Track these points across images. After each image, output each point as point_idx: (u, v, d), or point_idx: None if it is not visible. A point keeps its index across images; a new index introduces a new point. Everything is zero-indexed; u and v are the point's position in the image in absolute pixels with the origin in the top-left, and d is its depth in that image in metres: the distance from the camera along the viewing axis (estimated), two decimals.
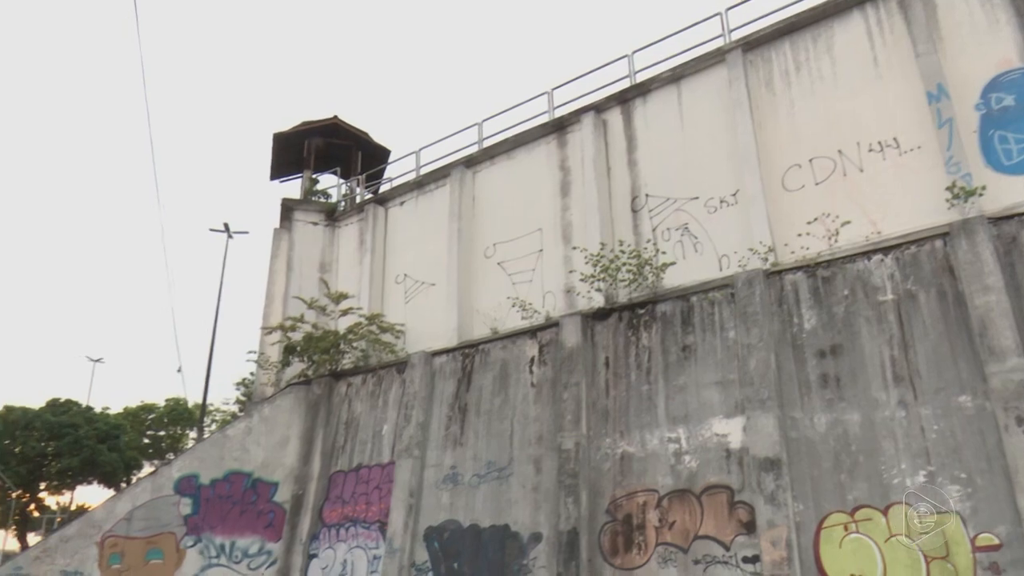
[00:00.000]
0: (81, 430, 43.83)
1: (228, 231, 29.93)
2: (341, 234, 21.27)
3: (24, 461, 43.53)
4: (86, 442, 43.49)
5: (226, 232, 29.94)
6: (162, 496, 14.96)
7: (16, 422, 43.67)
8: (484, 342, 14.83)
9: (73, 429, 43.76)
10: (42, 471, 45.05)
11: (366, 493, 15.21)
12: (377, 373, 16.61)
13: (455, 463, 13.92)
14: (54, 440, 43.97)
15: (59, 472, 44.30)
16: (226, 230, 29.97)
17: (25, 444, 43.59)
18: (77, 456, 43.15)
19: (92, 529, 14.21)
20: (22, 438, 43.74)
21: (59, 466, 43.69)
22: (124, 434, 47.54)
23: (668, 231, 14.42)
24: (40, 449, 43.95)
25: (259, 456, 16.38)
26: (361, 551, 14.58)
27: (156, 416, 53.37)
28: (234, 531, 15.55)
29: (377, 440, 15.70)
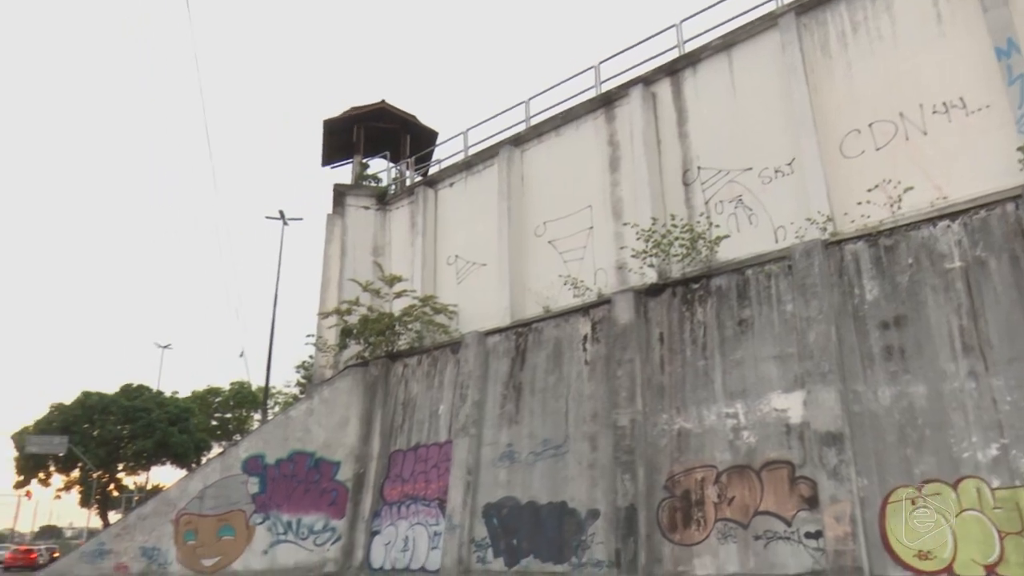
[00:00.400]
0: (153, 414, 45.84)
1: (283, 218, 30.54)
2: (392, 217, 21.48)
3: (102, 444, 45.81)
4: (158, 425, 45.49)
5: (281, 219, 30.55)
6: (231, 476, 15.50)
7: (94, 407, 45.94)
8: (537, 321, 14.83)
9: (146, 413, 45.81)
10: (119, 453, 47.30)
11: (425, 471, 15.46)
12: (432, 354, 16.79)
13: (511, 441, 14.02)
14: (129, 423, 46.10)
15: (135, 453, 46.50)
16: (281, 217, 30.58)
17: (103, 428, 45.85)
18: (150, 438, 45.20)
19: (167, 507, 14.83)
20: (100, 422, 46.00)
21: (134, 448, 45.83)
22: (193, 417, 49.45)
23: (721, 203, 14.11)
24: (116, 432, 46.16)
25: (321, 436, 16.80)
26: (422, 527, 14.86)
27: (222, 399, 55.27)
28: (299, 509, 16.03)
29: (434, 419, 15.91)
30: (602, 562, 11.76)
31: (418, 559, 14.58)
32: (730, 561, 10.43)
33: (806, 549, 9.89)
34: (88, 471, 47.31)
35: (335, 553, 16.05)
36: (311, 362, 26.86)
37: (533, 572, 12.52)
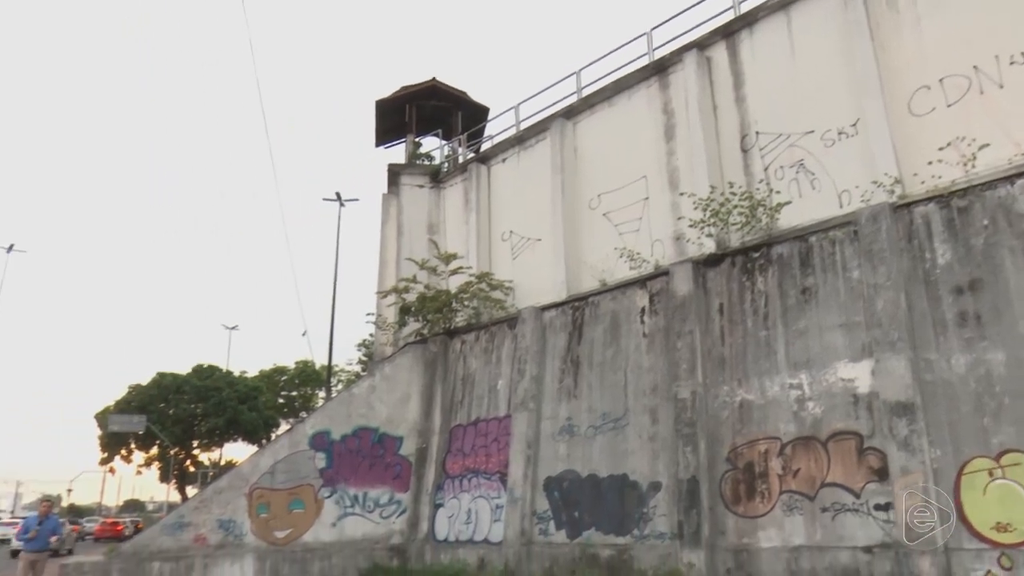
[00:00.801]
0: (224, 392, 47.71)
1: (340, 200, 31.06)
2: (446, 195, 21.59)
3: (177, 422, 47.99)
4: (229, 403, 47.37)
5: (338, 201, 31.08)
6: (299, 451, 16.00)
7: (168, 387, 48.09)
8: (593, 294, 14.76)
9: (217, 392, 47.70)
10: (193, 430, 49.49)
11: (485, 445, 15.67)
12: (489, 329, 16.92)
13: (570, 415, 14.06)
14: (201, 402, 48.11)
15: (208, 431, 48.62)
16: (338, 199, 31.11)
17: (177, 407, 48.01)
18: (222, 416, 47.12)
19: (241, 482, 15.43)
20: (175, 401, 48.14)
21: (207, 426, 47.92)
22: (261, 395, 51.23)
23: (781, 169, 13.69)
24: (190, 411, 48.27)
25: (383, 412, 17.18)
26: (484, 500, 15.10)
27: (288, 378, 57.02)
28: (365, 483, 16.47)
29: (493, 394, 16.07)
30: (664, 534, 11.74)
31: (481, 531, 14.84)
32: (796, 533, 10.28)
33: (876, 521, 9.66)
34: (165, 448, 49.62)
35: (401, 525, 16.47)
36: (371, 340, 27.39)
37: (595, 544, 12.61)
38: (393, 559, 15.88)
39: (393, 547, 16.09)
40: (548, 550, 13.26)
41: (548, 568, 13.00)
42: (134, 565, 13.89)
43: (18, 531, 12.85)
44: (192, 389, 48.17)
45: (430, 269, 18.81)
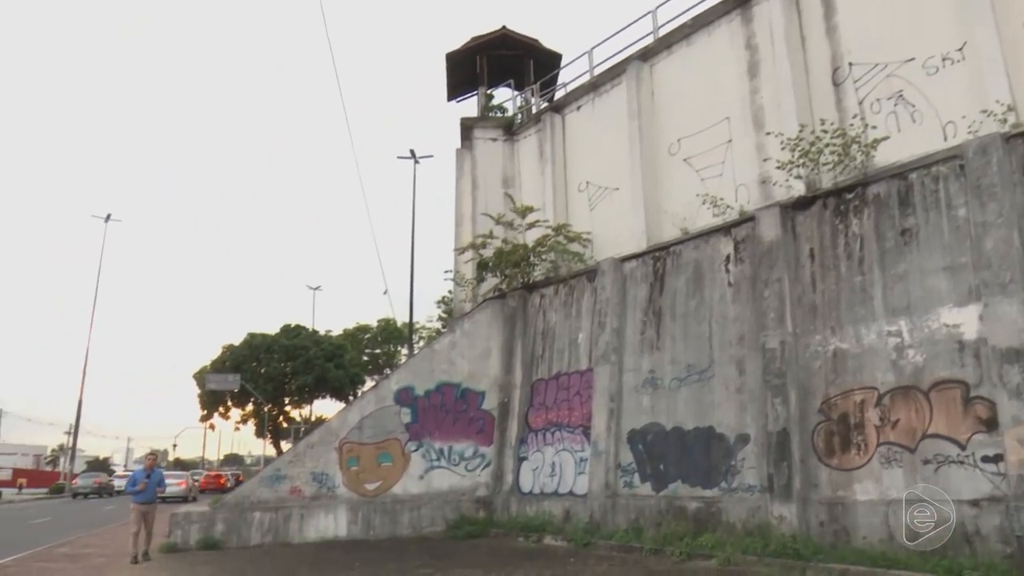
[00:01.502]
0: (311, 351, 49.78)
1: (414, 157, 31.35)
2: (521, 147, 21.46)
3: (269, 380, 50.48)
4: (316, 361, 49.42)
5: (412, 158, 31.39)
6: (385, 407, 16.60)
7: (259, 347, 50.56)
8: (675, 243, 14.48)
9: (304, 351, 49.81)
10: (284, 388, 51.96)
11: (567, 399, 15.81)
12: (568, 283, 16.89)
13: (653, 367, 13.98)
14: (290, 361, 50.39)
15: (298, 388, 51.00)
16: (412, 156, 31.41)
17: (268, 365, 50.46)
18: (310, 374, 49.27)
19: (331, 437, 16.17)
20: (265, 360, 50.59)
21: (297, 383, 50.23)
22: (346, 353, 53.15)
23: (878, 102, 12.91)
24: (280, 369, 50.66)
25: (465, 368, 17.54)
26: (568, 453, 15.30)
27: (371, 336, 58.87)
28: (450, 437, 16.96)
29: (573, 348, 16.13)
30: (754, 487, 11.63)
31: (566, 484, 15.08)
32: (894, 486, 9.98)
33: (983, 474, 9.25)
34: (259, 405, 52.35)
35: (486, 478, 16.93)
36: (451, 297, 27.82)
37: (682, 497, 12.62)
38: (479, 510, 16.38)
39: (479, 499, 16.58)
40: (633, 502, 13.37)
41: (634, 520, 13.12)
42: (237, 515, 14.84)
43: (127, 482, 13.75)
44: (281, 348, 50.46)
45: (506, 223, 18.84)
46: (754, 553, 10.32)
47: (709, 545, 10.99)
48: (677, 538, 11.66)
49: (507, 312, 18.11)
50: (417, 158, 31.29)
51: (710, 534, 11.43)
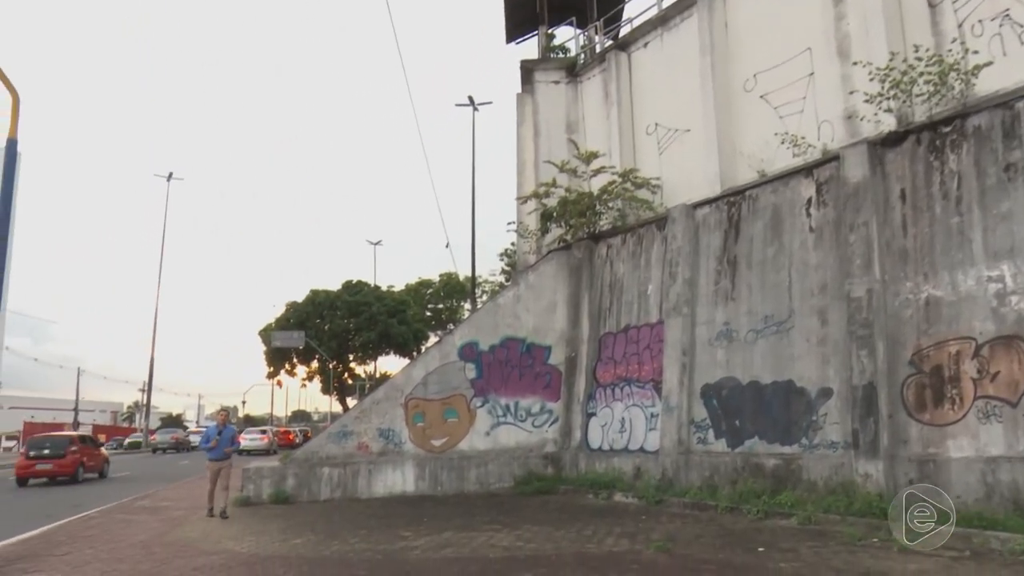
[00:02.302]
0: (373, 307, 50.95)
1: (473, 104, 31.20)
2: (584, 89, 21.05)
3: (333, 336, 52.02)
4: (379, 318, 50.60)
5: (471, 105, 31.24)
6: (449, 362, 16.90)
7: (322, 303, 52.05)
8: (751, 187, 14.08)
9: (367, 307, 51.04)
10: (348, 344, 53.49)
11: (637, 353, 15.77)
12: (636, 232, 16.69)
13: (728, 319, 13.78)
14: (353, 317, 51.75)
15: (361, 345, 52.41)
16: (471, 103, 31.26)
17: (332, 322, 51.95)
18: (374, 330, 50.51)
19: (396, 393, 16.61)
20: (329, 317, 52.10)
21: (361, 339, 51.62)
22: (409, 308, 54.17)
23: (980, 24, 12.07)
24: (344, 326, 52.12)
25: (530, 322, 17.65)
26: (638, 409, 15.33)
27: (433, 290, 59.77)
28: (516, 392, 17.20)
29: (643, 300, 16.01)
30: (836, 443, 11.43)
31: (636, 440, 15.15)
32: (994, 443, 9.64)
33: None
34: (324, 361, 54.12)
35: (554, 434, 17.15)
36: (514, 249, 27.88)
37: (759, 454, 12.52)
38: (547, 467, 16.65)
39: (547, 455, 16.84)
40: (708, 459, 13.35)
41: (708, 477, 13.12)
42: (306, 470, 15.50)
43: (200, 438, 14.38)
44: (344, 305, 51.81)
45: (570, 171, 18.64)
46: (836, 512, 10.20)
47: (788, 503, 10.91)
48: (754, 496, 11.62)
49: (573, 264, 18.05)
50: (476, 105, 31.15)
51: (789, 492, 11.34)
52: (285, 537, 10.68)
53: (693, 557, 8.37)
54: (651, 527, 10.66)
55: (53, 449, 23.94)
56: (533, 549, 9.22)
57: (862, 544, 8.81)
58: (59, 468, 23.57)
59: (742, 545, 9.01)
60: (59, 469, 23.57)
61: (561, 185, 18.47)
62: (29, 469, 23.50)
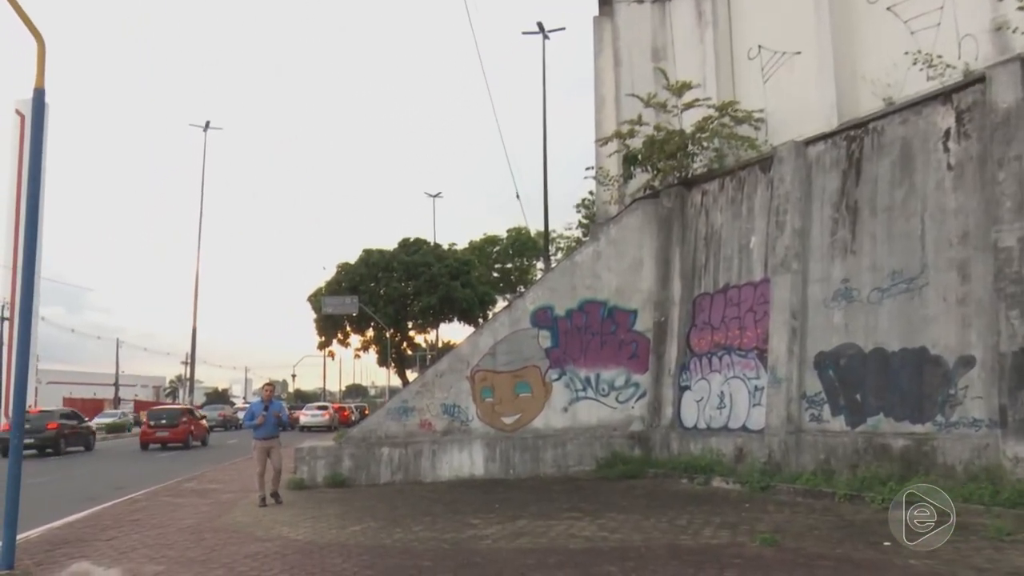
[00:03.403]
0: (433, 268, 51.64)
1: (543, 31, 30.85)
2: (673, 9, 20.50)
3: (390, 302, 53.07)
4: (440, 280, 51.29)
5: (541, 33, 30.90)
6: (520, 330, 17.03)
7: (376, 265, 53.02)
8: (875, 118, 13.59)
9: (426, 268, 51.77)
10: (407, 310, 54.45)
11: (738, 317, 15.58)
12: (736, 175, 16.37)
13: (846, 276, 13.45)
14: (412, 280, 52.59)
15: (421, 310, 53.30)
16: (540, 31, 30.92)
17: (388, 285, 52.96)
18: (434, 294, 51.27)
19: (461, 364, 16.86)
20: (384, 280, 53.09)
21: (420, 305, 52.49)
22: (474, 269, 54.69)
23: None
24: (401, 289, 53.05)
25: (612, 282, 17.58)
26: (739, 382, 15.17)
27: (500, 248, 60.11)
28: (597, 363, 17.23)
29: (744, 255, 15.75)
30: (980, 421, 11.09)
31: (737, 417, 15.04)
32: None
33: None
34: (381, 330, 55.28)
35: (641, 410, 17.16)
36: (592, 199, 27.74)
37: (884, 433, 12.27)
38: (634, 447, 16.72)
39: (633, 434, 16.90)
40: (822, 439, 13.17)
41: (823, 460, 12.95)
42: (364, 450, 15.98)
43: (245, 415, 14.85)
44: (400, 266, 52.64)
45: (658, 105, 18.31)
46: (979, 501, 9.94)
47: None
48: (878, 482, 11.44)
49: (662, 214, 17.84)
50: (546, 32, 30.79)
51: (921, 477, 11.08)
52: (343, 523, 11.08)
53: (805, 552, 8.30)
54: (756, 517, 10.62)
55: (169, 420, 33.55)
56: (619, 540, 9.31)
57: (1010, 539, 8.56)
58: (174, 435, 32.72)
59: (863, 538, 8.89)
60: (173, 436, 32.70)
61: (647, 123, 18.19)
62: (150, 436, 32.86)
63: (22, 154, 8.85)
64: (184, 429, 33.07)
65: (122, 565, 8.62)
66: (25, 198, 8.70)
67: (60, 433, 30.13)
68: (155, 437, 32.83)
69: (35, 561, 8.75)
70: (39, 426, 28.46)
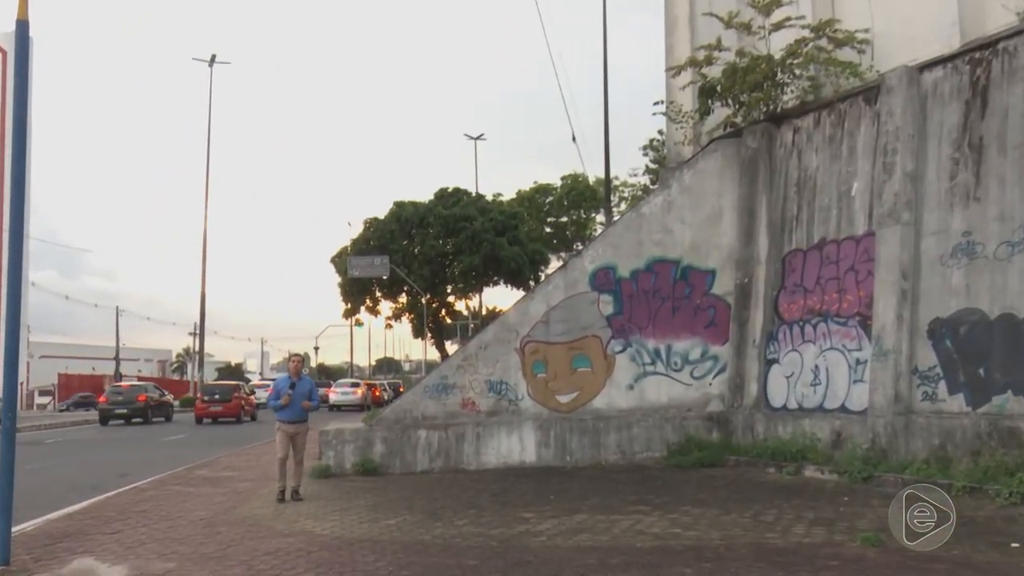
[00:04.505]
0: (476, 223, 51.66)
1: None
2: None
3: (426, 262, 53.37)
4: (484, 236, 51.28)
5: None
6: (577, 294, 17.03)
7: (409, 220, 53.21)
8: (1006, 37, 13.25)
9: (468, 223, 51.80)
10: (445, 272, 54.78)
11: (836, 277, 15.41)
12: (835, 108, 16.11)
13: (969, 227, 13.23)
14: (451, 237, 52.77)
15: (462, 272, 53.57)
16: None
17: (423, 244, 53.20)
18: (477, 253, 51.39)
19: (509, 334, 16.94)
20: (419, 237, 53.36)
21: (461, 266, 52.73)
22: (522, 224, 54.72)
23: None
24: (439, 248, 53.27)
25: (685, 238, 17.45)
26: (838, 354, 15.03)
27: (554, 199, 59.99)
28: (668, 333, 17.18)
29: (845, 204, 15.54)
30: None
31: (835, 396, 14.93)
32: None
33: None
34: (415, 295, 55.70)
35: (720, 388, 17.12)
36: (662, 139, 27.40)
37: (1013, 415, 12.11)
38: (712, 431, 16.73)
39: (711, 416, 16.89)
40: (937, 422, 13.06)
41: (938, 447, 12.84)
42: (398, 433, 16.21)
43: (269, 394, 14.54)
44: (438, 220, 52.70)
45: (741, 27, 17.99)
46: None
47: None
48: (1004, 473, 11.31)
49: (744, 156, 17.65)
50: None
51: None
52: (375, 516, 11.28)
53: (915, 553, 8.22)
54: (856, 512, 10.58)
55: (222, 395, 41.05)
56: (694, 538, 9.34)
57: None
58: (227, 410, 39.94)
59: (986, 538, 8.81)
60: (227, 411, 39.95)
61: (727, 48, 17.93)
62: (205, 411, 40.17)
63: (5, 95, 9.08)
64: (236, 404, 40.42)
65: (128, 561, 8.88)
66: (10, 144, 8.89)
67: (148, 404, 40.81)
68: (209, 412, 40.12)
69: (32, 556, 9.05)
70: (131, 398, 40.69)
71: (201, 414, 40.41)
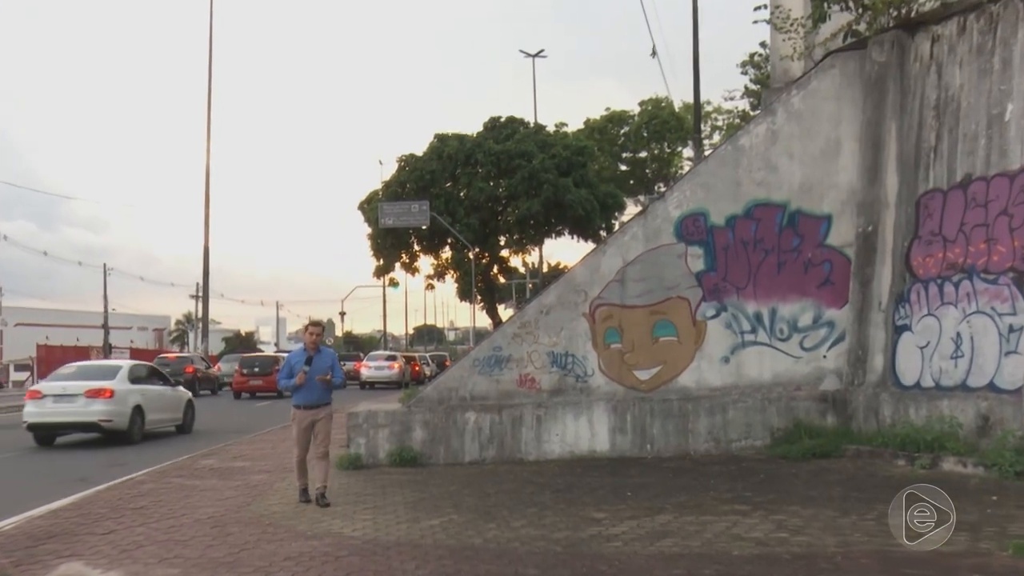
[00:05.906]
0: (535, 160, 51.20)
1: None
2: None
3: (473, 209, 52.97)
4: (545, 177, 50.81)
5: None
6: (660, 246, 16.92)
7: (453, 157, 52.68)
8: None
9: (525, 160, 51.29)
10: (497, 221, 54.50)
11: (984, 224, 15.12)
12: (985, 11, 15.71)
13: None
14: (504, 177, 52.29)
15: (518, 221, 53.19)
16: None
17: (470, 186, 52.79)
18: (536, 197, 51.03)
19: (576, 296, 16.89)
20: (464, 178, 52.98)
21: (517, 213, 52.32)
22: (592, 160, 54.30)
23: None
24: (490, 191, 52.84)
25: (794, 176, 17.22)
26: (986, 319, 14.78)
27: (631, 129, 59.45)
28: (772, 294, 17.01)
29: (996, 130, 15.19)
30: None
31: (982, 371, 14.70)
32: None
33: None
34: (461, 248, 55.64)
35: (835, 361, 16.94)
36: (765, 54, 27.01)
37: None
38: (826, 414, 16.59)
39: (826, 395, 16.75)
40: None
41: None
42: (442, 416, 16.35)
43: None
44: (488, 157, 52.26)
45: None
46: None
47: None
48: None
49: (869, 73, 17.35)
50: None
51: None
52: (415, 516, 11.41)
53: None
54: (1008, 514, 10.47)
55: (261, 368, 45.36)
56: (804, 544, 9.32)
57: None
58: (266, 384, 42.31)
59: None
60: (266, 385, 42.39)
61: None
62: (244, 384, 45.68)
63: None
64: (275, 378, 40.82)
65: (124, 566, 9.11)
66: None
67: (195, 376, 45.92)
68: (248, 386, 45.46)
69: (12, 560, 9.33)
70: (178, 369, 43.88)
71: (239, 388, 45.79)
